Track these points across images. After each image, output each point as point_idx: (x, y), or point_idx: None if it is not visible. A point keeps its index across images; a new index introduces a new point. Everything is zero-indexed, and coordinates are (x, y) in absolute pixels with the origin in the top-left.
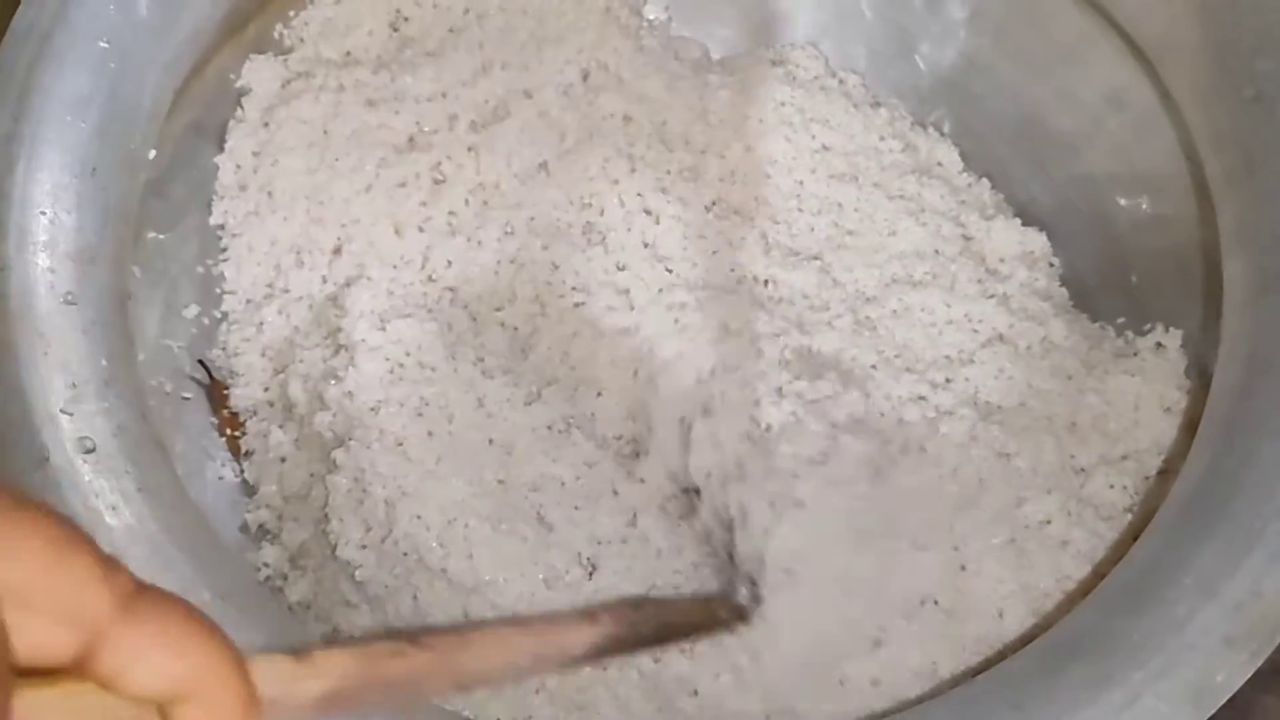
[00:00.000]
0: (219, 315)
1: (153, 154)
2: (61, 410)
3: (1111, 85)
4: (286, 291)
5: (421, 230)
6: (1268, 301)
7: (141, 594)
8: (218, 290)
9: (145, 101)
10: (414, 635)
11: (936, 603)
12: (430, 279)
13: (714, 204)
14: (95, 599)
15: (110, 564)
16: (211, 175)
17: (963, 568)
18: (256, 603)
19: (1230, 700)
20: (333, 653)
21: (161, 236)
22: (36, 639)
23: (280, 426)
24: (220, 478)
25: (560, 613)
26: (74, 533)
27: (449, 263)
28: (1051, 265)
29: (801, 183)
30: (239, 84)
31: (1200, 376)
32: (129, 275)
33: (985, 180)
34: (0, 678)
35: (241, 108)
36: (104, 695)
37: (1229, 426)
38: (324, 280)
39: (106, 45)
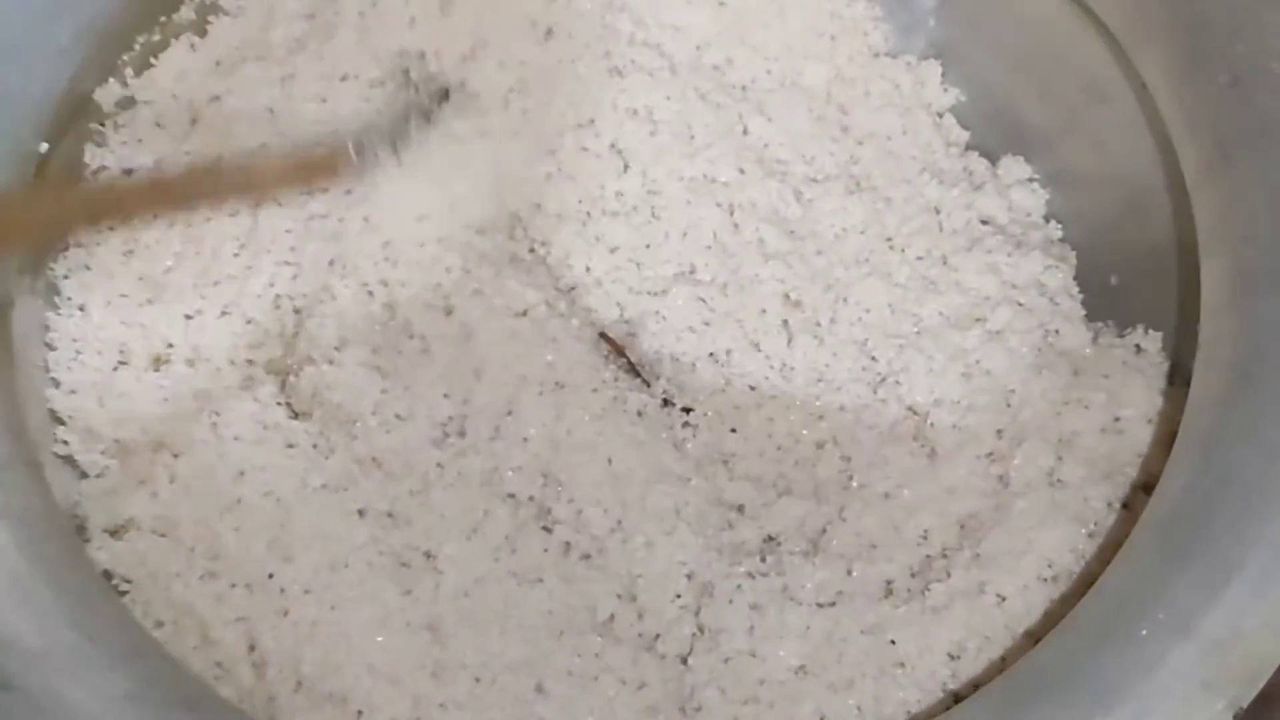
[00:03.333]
0: None
1: (44, 147)
2: None
3: (1089, 76)
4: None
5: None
6: (1247, 304)
7: None
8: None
9: (34, 91)
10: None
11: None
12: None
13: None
14: None
15: None
16: None
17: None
18: None
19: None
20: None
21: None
22: None
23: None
24: None
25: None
26: None
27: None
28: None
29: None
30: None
31: (1183, 383)
32: (11, 278)
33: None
34: None
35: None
36: None
37: (1207, 439)
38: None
39: None
